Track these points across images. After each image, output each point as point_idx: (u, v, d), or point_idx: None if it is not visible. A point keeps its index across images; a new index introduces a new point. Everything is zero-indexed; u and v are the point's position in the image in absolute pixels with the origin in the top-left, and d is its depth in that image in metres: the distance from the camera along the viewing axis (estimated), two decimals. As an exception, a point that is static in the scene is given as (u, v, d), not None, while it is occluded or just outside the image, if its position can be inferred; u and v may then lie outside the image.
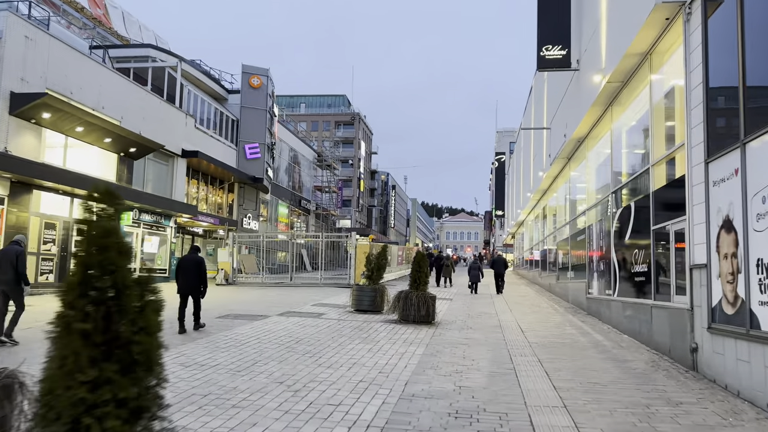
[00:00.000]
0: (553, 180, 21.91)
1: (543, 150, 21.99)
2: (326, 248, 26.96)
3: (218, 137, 28.11)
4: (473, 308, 15.71)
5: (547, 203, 25.31)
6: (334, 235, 27.29)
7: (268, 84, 30.79)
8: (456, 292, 22.54)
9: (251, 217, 31.57)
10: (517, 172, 38.21)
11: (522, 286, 27.39)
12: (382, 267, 13.80)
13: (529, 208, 31.08)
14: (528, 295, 21.45)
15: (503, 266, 22.13)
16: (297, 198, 41.99)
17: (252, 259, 29.61)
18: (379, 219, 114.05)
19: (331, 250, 30.60)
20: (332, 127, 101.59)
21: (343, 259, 33.73)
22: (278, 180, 37.79)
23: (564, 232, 20.25)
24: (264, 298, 16.97)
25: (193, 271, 10.00)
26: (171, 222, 23.18)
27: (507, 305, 16.81)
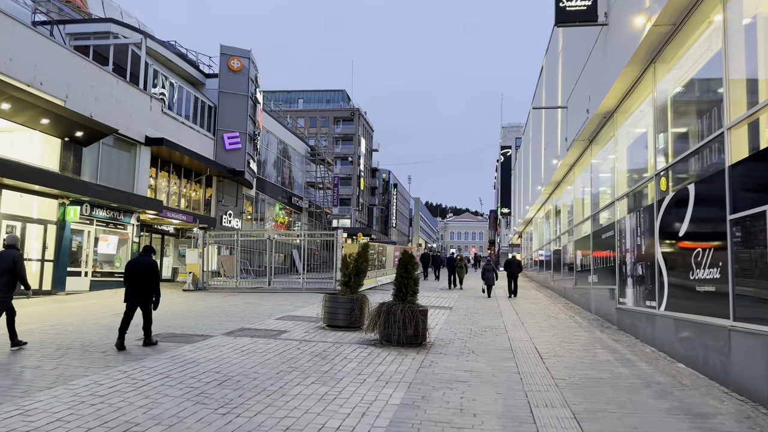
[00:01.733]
0: (569, 169, 19.26)
1: (557, 135, 19.34)
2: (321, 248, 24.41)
3: (192, 125, 25.55)
4: (477, 320, 13.09)
5: (561, 197, 22.64)
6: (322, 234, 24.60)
7: (250, 67, 28.22)
8: (459, 297, 19.94)
9: (232, 214, 28.99)
10: (526, 165, 35.53)
11: (532, 290, 24.73)
12: (362, 271, 11.19)
13: (539, 204, 28.41)
14: (540, 301, 18.82)
15: (517, 268, 20.99)
16: (287, 194, 39.41)
17: (233, 261, 27.11)
18: (380, 218, 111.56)
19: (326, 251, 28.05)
20: (331, 123, 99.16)
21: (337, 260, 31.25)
22: (265, 174, 35.23)
23: (583, 229, 17.62)
24: (225, 307, 14.39)
25: (142, 277, 8.45)
26: (133, 219, 20.62)
27: (518, 316, 14.18)
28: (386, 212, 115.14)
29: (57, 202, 16.89)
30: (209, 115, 27.30)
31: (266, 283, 21.19)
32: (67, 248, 17.12)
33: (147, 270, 8.46)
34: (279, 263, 27.21)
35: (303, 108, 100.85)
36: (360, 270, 11.11)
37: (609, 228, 12.93)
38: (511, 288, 20.36)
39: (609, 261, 12.82)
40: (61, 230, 16.96)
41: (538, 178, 25.89)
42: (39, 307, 13.64)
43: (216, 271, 24.86)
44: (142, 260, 8.65)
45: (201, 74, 27.90)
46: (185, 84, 26.07)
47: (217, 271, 24.95)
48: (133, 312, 8.44)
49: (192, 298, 17.51)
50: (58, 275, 16.77)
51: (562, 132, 18.28)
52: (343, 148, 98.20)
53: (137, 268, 8.50)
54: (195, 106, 26.17)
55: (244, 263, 27.02)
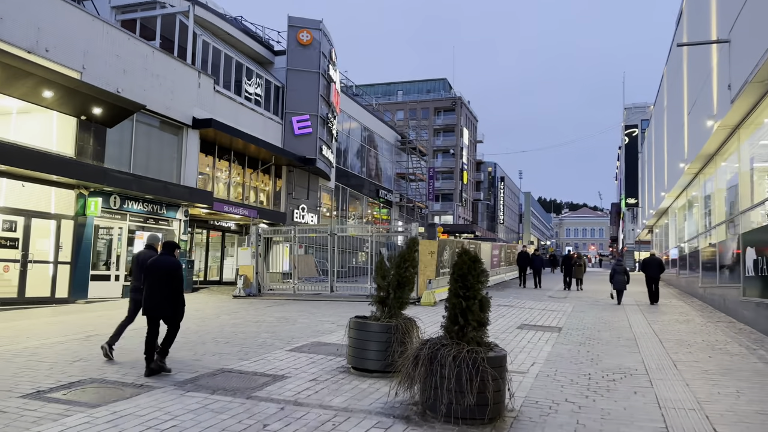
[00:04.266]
0: (730, 133, 13.98)
1: (711, 87, 14.10)
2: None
3: (253, 107, 22.87)
4: (598, 355, 8.70)
5: (714, 176, 17.15)
6: (391, 231, 20.66)
7: (322, 40, 25.14)
8: (573, 309, 15.36)
9: (305, 208, 26.12)
10: (659, 143, 29.46)
11: (673, 299, 19.32)
12: (407, 282, 7.25)
13: (680, 188, 22.67)
14: (690, 318, 13.76)
15: (658, 268, 17.88)
16: (374, 187, 36.16)
17: (309, 261, 24.28)
18: (485, 214, 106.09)
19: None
20: (431, 114, 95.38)
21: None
22: (347, 165, 32.19)
23: (753, 218, 12.44)
24: (248, 324, 11.10)
25: (160, 282, 6.93)
26: (179, 213, 18.15)
27: (663, 346, 9.54)
28: (492, 208, 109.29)
29: (74, 193, 14.61)
30: (276, 96, 24.57)
31: (328, 289, 17.84)
32: (88, 248, 14.80)
33: (170, 271, 6.89)
34: (360, 263, 23.93)
35: (402, 99, 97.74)
36: (404, 280, 7.19)
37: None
38: (651, 292, 17.61)
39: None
40: (80, 227, 14.64)
41: (679, 153, 20.30)
42: (26, 322, 11.15)
43: (288, 272, 22.14)
44: (163, 260, 7.02)
45: (269, 51, 25.27)
46: (249, 61, 23.48)
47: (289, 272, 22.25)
48: (157, 326, 6.94)
49: (229, 306, 14.52)
50: (78, 280, 14.47)
51: (720, 80, 13.10)
52: (444, 140, 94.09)
53: (157, 270, 6.92)
54: (258, 86, 23.50)
55: (322, 263, 24.17)
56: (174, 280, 6.90)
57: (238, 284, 17.64)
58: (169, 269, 6.90)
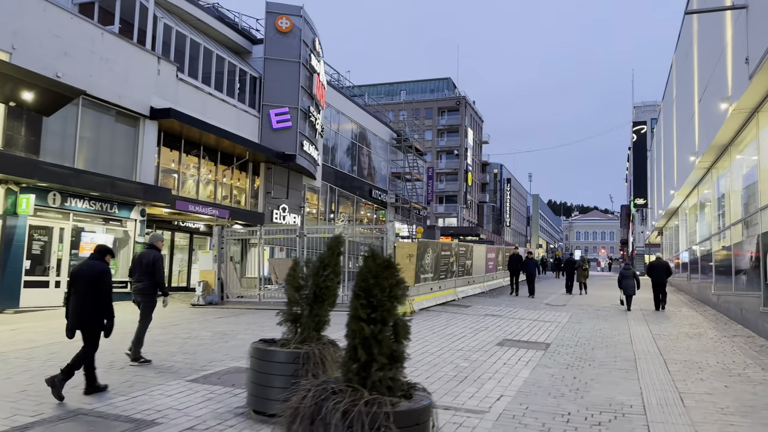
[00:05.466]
0: (747, 118, 12.22)
1: (725, 63, 12.35)
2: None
3: (224, 97, 21.30)
4: (586, 383, 7.02)
5: (729, 170, 15.39)
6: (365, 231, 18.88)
7: (303, 28, 23.56)
8: (569, 319, 13.66)
9: (287, 209, 24.50)
10: (668, 137, 27.64)
11: (683, 308, 17.54)
12: (326, 295, 5.54)
13: (691, 185, 20.87)
14: (701, 331, 12.01)
15: (665, 273, 17.19)
16: (366, 187, 34.52)
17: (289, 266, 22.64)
18: (491, 217, 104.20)
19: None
20: (435, 114, 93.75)
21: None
22: (335, 163, 30.57)
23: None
24: (177, 342, 9.48)
25: (85, 291, 6.08)
26: (134, 213, 16.59)
27: (668, 371, 7.82)
28: (499, 210, 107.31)
29: (1, 190, 13.04)
30: (252, 87, 23.01)
31: (297, 297, 16.15)
32: (19, 250, 13.25)
33: (92, 280, 6.11)
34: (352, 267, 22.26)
35: (406, 99, 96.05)
36: (323, 292, 5.51)
37: None
38: (658, 299, 16.88)
39: None
40: (10, 227, 13.09)
41: (690, 146, 18.51)
42: None
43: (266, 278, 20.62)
44: (88, 266, 6.27)
45: (246, 40, 23.71)
46: (223, 50, 21.93)
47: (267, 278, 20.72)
48: (96, 339, 6.13)
49: (176, 317, 12.90)
50: (6, 287, 12.90)
51: (736, 55, 11.37)
52: (448, 141, 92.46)
53: (81, 277, 6.17)
54: (232, 77, 21.94)
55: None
56: (101, 289, 6.10)
57: (197, 291, 16.04)
58: (93, 276, 6.10)
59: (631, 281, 16.83)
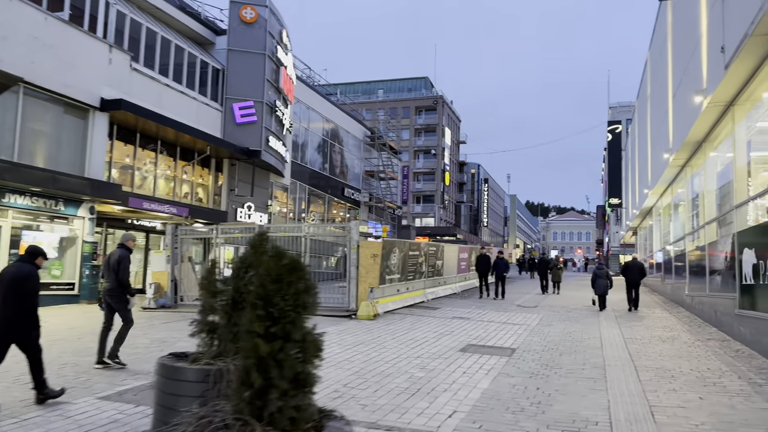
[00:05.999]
0: (723, 112, 11.77)
1: (700, 54, 11.88)
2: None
3: (184, 89, 20.38)
4: (550, 394, 6.42)
5: (704, 167, 15.00)
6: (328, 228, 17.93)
7: (270, 19, 22.72)
8: (540, 321, 13.11)
9: (253, 207, 23.62)
10: (642, 135, 27.38)
11: (657, 310, 17.13)
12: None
13: (665, 184, 20.53)
14: (675, 334, 11.52)
15: (639, 273, 17.05)
16: (338, 185, 33.74)
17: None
18: (468, 217, 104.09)
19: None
20: (412, 113, 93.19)
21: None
22: (305, 160, 29.75)
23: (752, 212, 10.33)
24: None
25: (8, 294, 5.53)
26: (82, 210, 15.62)
27: (639, 379, 7.24)
28: (476, 210, 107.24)
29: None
30: (215, 79, 22.09)
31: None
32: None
33: (16, 284, 5.59)
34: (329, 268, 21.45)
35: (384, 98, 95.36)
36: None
37: None
38: (631, 299, 16.71)
39: None
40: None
41: (664, 142, 18.13)
42: None
43: None
44: (12, 269, 5.82)
45: (210, 31, 22.79)
46: (184, 41, 20.99)
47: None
48: (3, 352, 5.54)
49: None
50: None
51: (711, 45, 10.90)
52: (426, 140, 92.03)
53: (2, 280, 5.65)
54: (192, 68, 21.01)
55: None
56: (25, 294, 5.60)
57: (147, 294, 15.13)
58: (17, 280, 5.61)
59: (604, 281, 16.69)
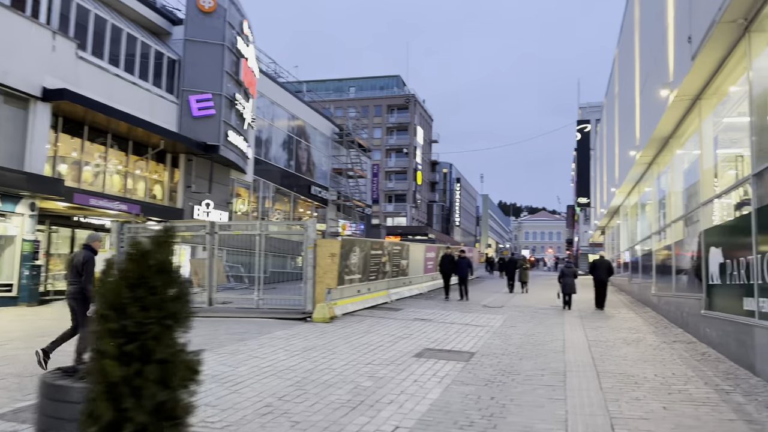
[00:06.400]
0: (690, 105, 11.45)
1: (666, 46, 11.55)
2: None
3: (136, 80, 19.45)
4: (505, 407, 5.88)
5: (671, 165, 14.75)
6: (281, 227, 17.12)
7: (230, 8, 21.88)
8: (504, 322, 12.64)
9: (211, 204, 22.75)
10: (610, 135, 27.28)
11: (623, 310, 16.86)
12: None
13: (632, 182, 20.35)
14: (641, 336, 11.16)
15: (607, 272, 17.06)
16: (305, 183, 32.98)
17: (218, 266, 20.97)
18: (441, 216, 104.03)
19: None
20: (384, 112, 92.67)
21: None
22: (269, 157, 28.93)
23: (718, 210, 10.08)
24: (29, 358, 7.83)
25: None
26: (21, 206, 14.64)
27: (601, 388, 6.76)
28: (448, 210, 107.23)
29: None
30: (171, 71, 21.17)
31: (207, 301, 14.63)
32: None
33: None
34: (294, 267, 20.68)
35: (355, 96, 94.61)
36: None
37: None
38: (598, 298, 16.76)
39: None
40: None
41: (631, 140, 17.89)
42: None
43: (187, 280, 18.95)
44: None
45: (166, 20, 21.85)
46: (137, 30, 20.04)
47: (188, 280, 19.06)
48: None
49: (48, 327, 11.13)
50: None
51: (678, 36, 10.55)
52: (398, 139, 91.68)
53: None
54: (146, 59, 20.06)
55: (236, 268, 21.00)
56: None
57: (91, 296, 14.24)
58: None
59: (571, 279, 16.61)
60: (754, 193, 7.63)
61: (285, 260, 19.88)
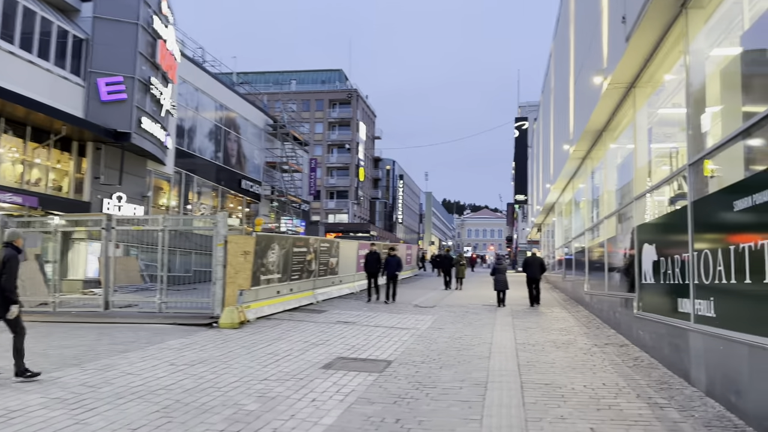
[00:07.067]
0: (624, 94, 10.89)
1: (601, 31, 10.94)
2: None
3: (34, 59, 17.53)
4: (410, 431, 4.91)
5: (604, 159, 14.29)
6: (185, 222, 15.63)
7: (145, -15, 20.14)
8: (432, 324, 11.78)
9: (124, 198, 20.96)
10: (546, 132, 27.08)
11: (556, 309, 16.37)
12: None
13: (567, 178, 20.00)
14: (572, 338, 10.52)
15: (540, 269, 17.25)
16: (234, 177, 31.35)
17: (131, 265, 19.32)
18: (383, 213, 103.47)
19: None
20: (326, 106, 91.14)
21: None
22: (193, 148, 27.23)
23: (650, 205, 9.57)
24: None
25: None
26: None
27: (524, 412, 5.90)
28: (391, 207, 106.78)
29: None
30: (77, 51, 19.28)
31: (103, 305, 13.13)
32: None
33: None
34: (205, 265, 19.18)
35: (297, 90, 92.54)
36: None
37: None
38: (532, 295, 16.72)
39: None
40: None
41: (565, 133, 17.46)
42: None
43: (98, 280, 17.44)
44: None
45: (72, -5, 19.86)
46: (39, 5, 18.08)
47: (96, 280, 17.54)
48: None
49: None
50: None
51: (612, 18, 9.93)
52: (340, 134, 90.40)
53: None
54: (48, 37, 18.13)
55: (153, 267, 19.42)
56: None
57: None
58: None
59: (503, 276, 16.39)
60: (691, 184, 6.99)
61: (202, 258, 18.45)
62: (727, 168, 6.29)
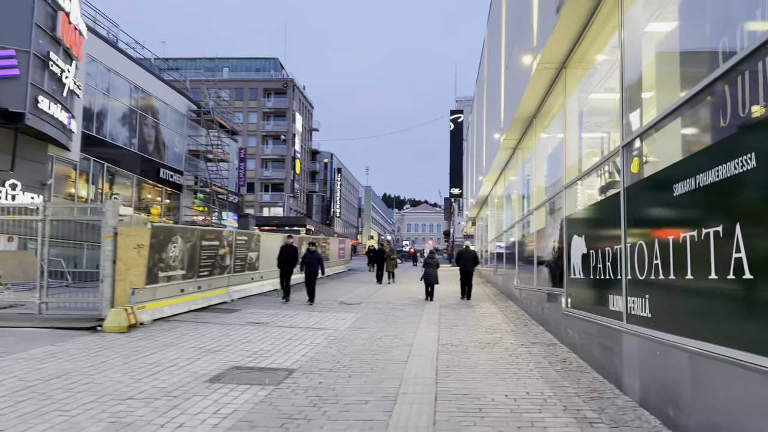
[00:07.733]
0: (556, 74, 10.22)
1: (532, 7, 10.20)
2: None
3: None
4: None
5: (535, 149, 13.69)
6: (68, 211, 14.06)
7: (42, -51, 18.07)
8: (355, 321, 10.76)
9: (18, 186, 18.87)
10: (479, 122, 26.60)
11: (486, 303, 15.77)
12: None
13: (498, 170, 19.46)
14: (499, 339, 9.78)
15: (472, 262, 17.09)
16: (153, 166, 29.30)
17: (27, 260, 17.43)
18: (321, 207, 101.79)
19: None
20: (260, 95, 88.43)
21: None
22: (104, 133, 25.11)
23: (585, 190, 8.94)
24: None
25: None
26: None
27: (433, 410, 4.97)
28: (329, 200, 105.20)
29: None
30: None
31: None
32: None
33: None
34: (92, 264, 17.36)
35: (229, 77, 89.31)
36: None
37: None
38: (464, 288, 16.53)
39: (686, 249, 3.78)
40: None
41: (496, 122, 16.84)
42: None
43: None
44: None
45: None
46: None
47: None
48: None
49: None
50: None
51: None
52: (275, 125, 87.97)
53: None
54: None
55: (56, 263, 17.63)
56: None
57: None
58: None
59: (434, 270, 16.28)
60: (625, 168, 6.28)
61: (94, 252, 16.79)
62: (665, 148, 5.59)
